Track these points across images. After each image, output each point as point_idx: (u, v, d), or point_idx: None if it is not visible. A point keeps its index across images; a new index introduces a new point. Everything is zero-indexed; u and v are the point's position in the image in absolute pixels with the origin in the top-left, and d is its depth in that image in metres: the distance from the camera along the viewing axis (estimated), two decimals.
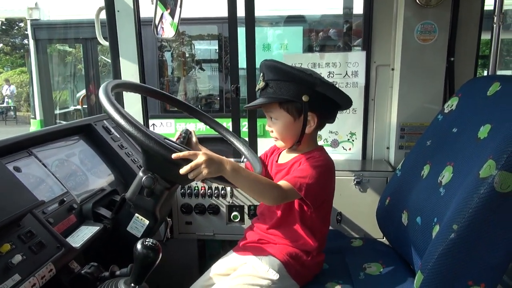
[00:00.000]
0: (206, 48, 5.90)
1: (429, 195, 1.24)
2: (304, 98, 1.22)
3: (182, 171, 1.06)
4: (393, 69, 1.91)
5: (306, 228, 1.29)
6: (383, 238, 1.75)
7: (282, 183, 1.19)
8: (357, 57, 1.97)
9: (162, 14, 1.92)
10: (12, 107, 14.61)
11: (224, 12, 1.93)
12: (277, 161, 1.40)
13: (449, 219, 1.01)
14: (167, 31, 1.95)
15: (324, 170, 1.25)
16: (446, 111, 1.41)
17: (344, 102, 1.31)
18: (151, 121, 2.22)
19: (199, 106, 5.43)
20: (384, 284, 1.29)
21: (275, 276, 1.24)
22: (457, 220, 0.97)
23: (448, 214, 1.04)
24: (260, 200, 1.23)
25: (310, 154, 1.28)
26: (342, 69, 1.97)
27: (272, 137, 1.34)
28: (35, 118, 5.95)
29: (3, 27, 15.83)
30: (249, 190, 1.17)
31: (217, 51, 5.56)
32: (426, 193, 1.28)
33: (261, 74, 1.28)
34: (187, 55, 5.81)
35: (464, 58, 1.84)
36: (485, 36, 1.83)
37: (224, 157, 1.13)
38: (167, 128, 5.09)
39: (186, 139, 1.44)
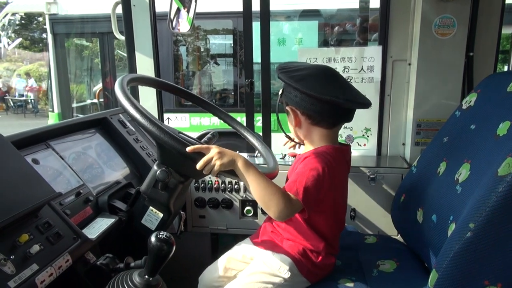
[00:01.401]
0: (221, 43, 5.89)
1: (446, 193, 1.23)
2: (280, 91, 1.28)
3: (198, 166, 1.07)
4: (410, 64, 1.87)
5: (312, 229, 1.27)
6: (397, 235, 1.73)
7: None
8: (373, 51, 1.94)
9: (178, 8, 1.93)
10: (30, 100, 14.92)
11: (239, 7, 1.92)
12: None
13: (466, 217, 0.99)
14: (183, 25, 1.96)
15: (322, 173, 1.15)
16: (464, 107, 1.39)
17: (319, 91, 1.18)
18: (165, 115, 2.24)
19: (214, 101, 5.45)
20: (398, 282, 1.27)
21: (286, 274, 1.25)
22: (474, 219, 0.95)
23: (464, 212, 1.02)
24: (265, 208, 1.13)
25: (318, 150, 1.24)
26: (358, 64, 1.95)
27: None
28: (53, 111, 6.05)
29: (23, 21, 16.11)
30: (256, 190, 1.11)
31: (232, 45, 5.55)
32: (442, 190, 1.26)
33: None
34: (202, 50, 5.82)
35: (483, 53, 1.79)
36: (506, 30, 1.79)
37: (237, 153, 1.14)
38: (182, 122, 5.12)
39: (210, 141, 1.45)
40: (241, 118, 2.05)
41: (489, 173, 0.99)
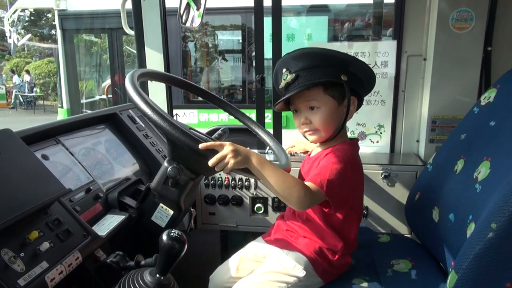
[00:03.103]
0: (229, 39, 5.87)
1: (464, 191, 1.19)
2: (343, 77, 1.17)
3: (210, 163, 1.05)
4: (425, 59, 1.82)
5: (330, 227, 1.24)
6: (411, 234, 1.70)
7: (308, 184, 1.12)
8: (387, 46, 1.89)
9: (188, 3, 1.90)
10: (34, 97, 15.08)
11: (247, 2, 1.90)
12: (310, 155, 1.38)
13: (487, 217, 0.95)
14: (192, 20, 1.93)
15: (345, 167, 1.15)
16: (482, 103, 1.34)
17: (370, 87, 1.30)
18: (174, 111, 2.23)
19: (222, 97, 5.43)
20: (413, 282, 1.24)
21: (301, 273, 1.22)
22: (496, 219, 0.91)
23: (485, 212, 0.99)
24: (286, 200, 1.11)
25: (337, 147, 1.23)
26: (371, 59, 1.90)
27: (307, 130, 1.27)
28: (62, 107, 6.08)
29: (32, 17, 16.21)
30: (275, 185, 1.09)
31: (240, 41, 5.52)
32: (460, 189, 1.22)
33: (285, 69, 1.23)
34: (210, 46, 5.81)
35: (502, 47, 1.73)
36: None
37: (250, 149, 1.11)
38: (190, 118, 5.11)
39: (221, 137, 1.43)
40: (249, 114, 2.03)
41: None
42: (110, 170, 1.46)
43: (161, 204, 1.26)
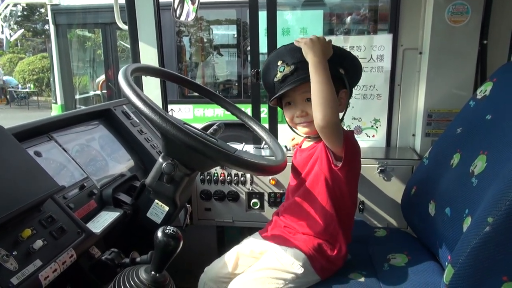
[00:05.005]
0: (224, 33, 5.83)
1: (460, 185, 1.19)
2: (341, 71, 1.24)
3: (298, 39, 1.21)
4: (421, 53, 1.82)
5: (329, 216, 1.24)
6: (408, 228, 1.70)
7: None
8: (383, 40, 1.88)
9: None
10: (27, 93, 14.92)
11: None
12: (300, 147, 1.38)
13: (484, 211, 0.95)
14: (187, 14, 1.91)
15: (354, 140, 1.26)
16: (478, 96, 1.34)
17: (356, 81, 1.40)
18: (169, 107, 2.21)
19: (217, 92, 5.40)
20: (410, 276, 1.24)
21: (299, 270, 1.22)
22: (493, 213, 0.91)
23: (482, 206, 0.99)
24: (321, 104, 1.12)
25: None
26: (367, 53, 1.90)
27: (301, 122, 1.29)
28: (56, 103, 6.03)
29: (25, 12, 16.03)
30: (324, 87, 1.12)
31: (235, 36, 5.49)
32: (457, 183, 1.22)
33: (280, 61, 1.25)
34: (205, 40, 5.77)
35: (498, 40, 1.73)
36: None
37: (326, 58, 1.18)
38: (186, 113, 5.09)
39: (216, 132, 1.42)
40: (245, 109, 2.02)
41: (509, 165, 0.96)
42: (104, 167, 1.44)
43: (156, 200, 1.25)
